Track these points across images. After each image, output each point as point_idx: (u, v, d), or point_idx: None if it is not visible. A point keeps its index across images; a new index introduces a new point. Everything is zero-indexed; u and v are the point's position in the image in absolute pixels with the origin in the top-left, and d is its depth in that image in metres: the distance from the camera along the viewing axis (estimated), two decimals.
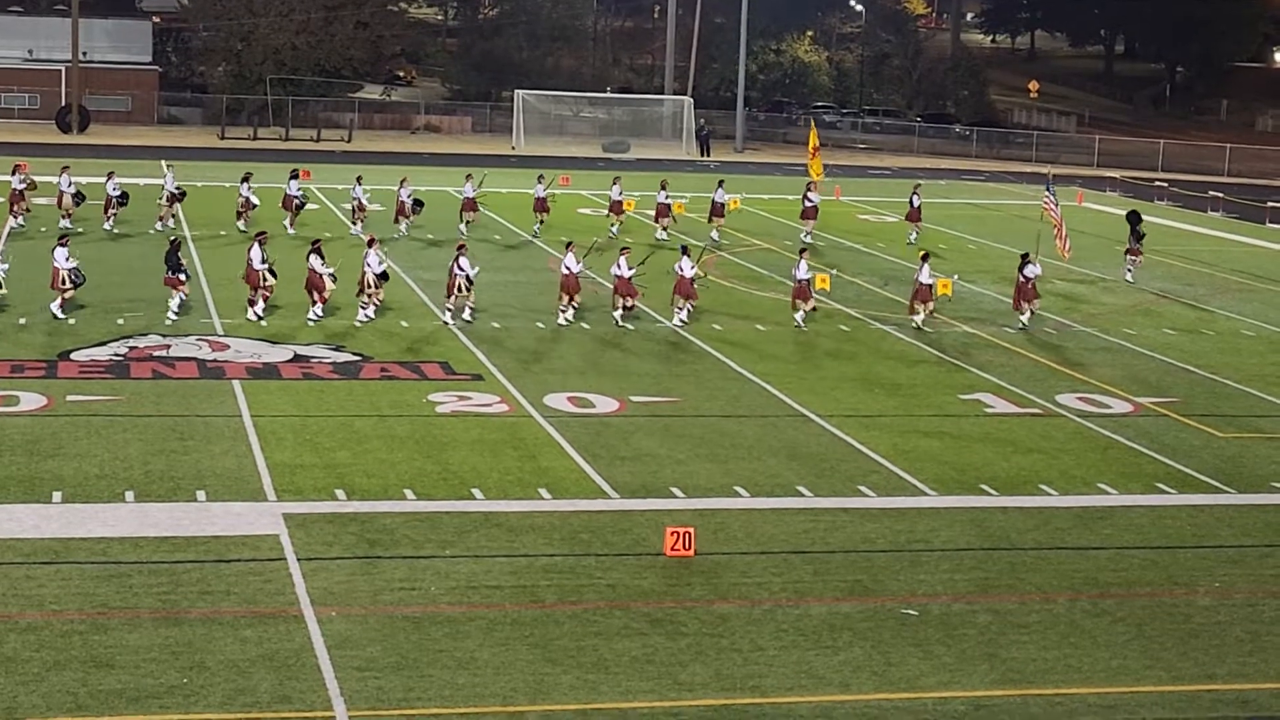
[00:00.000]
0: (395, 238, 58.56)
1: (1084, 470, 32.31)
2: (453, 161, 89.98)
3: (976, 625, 23.64)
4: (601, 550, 26.20)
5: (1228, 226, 77.62)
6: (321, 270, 43.35)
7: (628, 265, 44.49)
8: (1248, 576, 26.40)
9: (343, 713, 19.70)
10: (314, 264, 43.32)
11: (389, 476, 29.73)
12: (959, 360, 42.32)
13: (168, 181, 60.06)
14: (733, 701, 20.56)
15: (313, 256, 43.43)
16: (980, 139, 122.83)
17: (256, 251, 43.55)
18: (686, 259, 45.35)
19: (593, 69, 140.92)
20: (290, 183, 60.50)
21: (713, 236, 61.87)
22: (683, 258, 45.49)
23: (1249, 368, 43.20)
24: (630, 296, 44.77)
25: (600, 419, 34.68)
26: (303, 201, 60.32)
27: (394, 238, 58.35)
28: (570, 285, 44.62)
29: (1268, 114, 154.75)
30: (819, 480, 30.70)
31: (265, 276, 43.51)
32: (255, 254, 43.50)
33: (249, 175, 60.35)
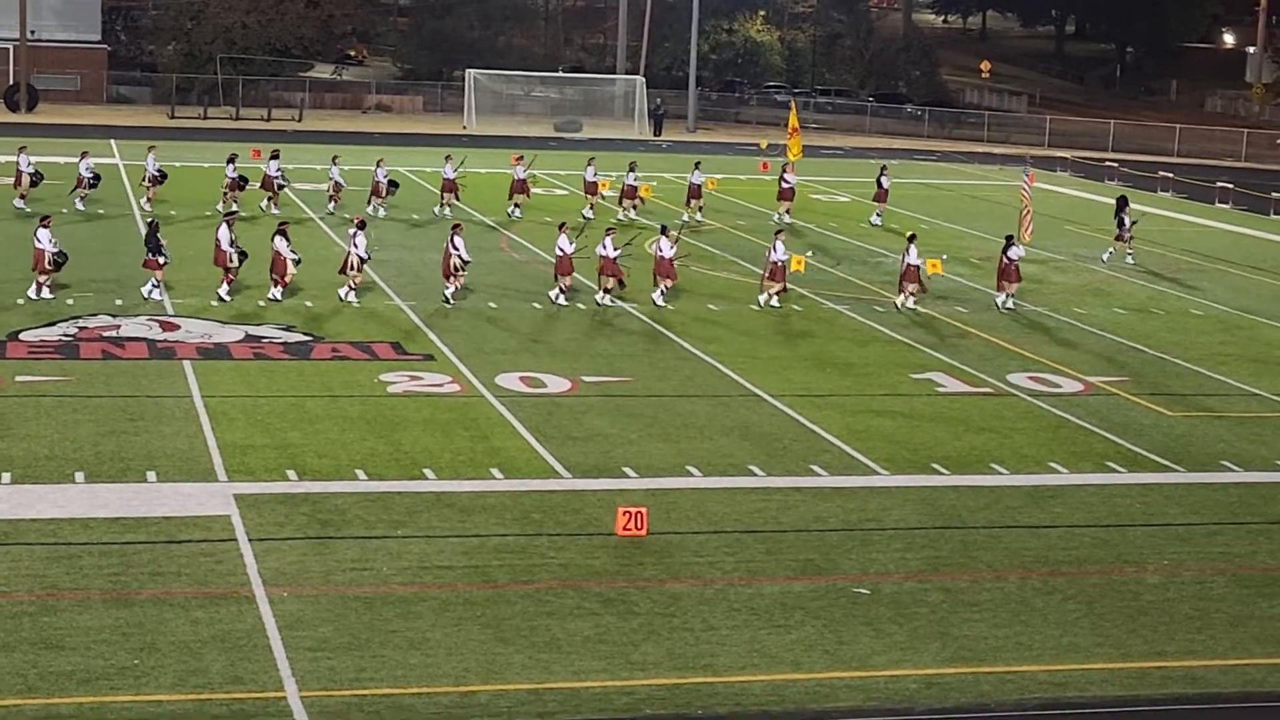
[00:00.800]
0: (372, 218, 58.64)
1: (1035, 449, 32.42)
2: (404, 141, 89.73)
3: (928, 604, 23.70)
4: (553, 530, 26.18)
5: (1177, 206, 77.94)
6: (286, 253, 43.24)
7: (613, 246, 44.59)
8: (1196, 554, 26.52)
9: (294, 693, 19.65)
10: (279, 246, 43.16)
11: (340, 457, 29.65)
12: (911, 340, 42.40)
13: (149, 163, 59.97)
14: (685, 681, 20.58)
15: (278, 238, 43.28)
16: (932, 119, 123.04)
17: (225, 232, 43.44)
18: (665, 239, 45.42)
19: (544, 48, 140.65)
20: (270, 163, 60.41)
21: (697, 217, 62.22)
22: (661, 238, 45.58)
23: (1198, 347, 43.40)
24: (615, 277, 44.86)
25: (552, 399, 34.65)
26: (284, 182, 60.39)
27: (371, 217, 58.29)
28: (564, 267, 44.72)
29: (1217, 94, 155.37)
30: (771, 460, 30.73)
31: (233, 258, 43.35)
32: (224, 235, 43.38)
33: (234, 156, 60.64)
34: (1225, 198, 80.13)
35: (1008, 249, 47.57)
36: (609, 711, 19.62)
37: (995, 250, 54.66)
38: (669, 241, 45.36)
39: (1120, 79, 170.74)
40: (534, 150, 77.05)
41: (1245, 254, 62.05)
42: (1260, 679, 21.55)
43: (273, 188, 59.92)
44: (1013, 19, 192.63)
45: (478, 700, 19.75)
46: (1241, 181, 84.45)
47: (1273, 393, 38.23)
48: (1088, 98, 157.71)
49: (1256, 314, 48.88)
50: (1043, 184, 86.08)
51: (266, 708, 19.26)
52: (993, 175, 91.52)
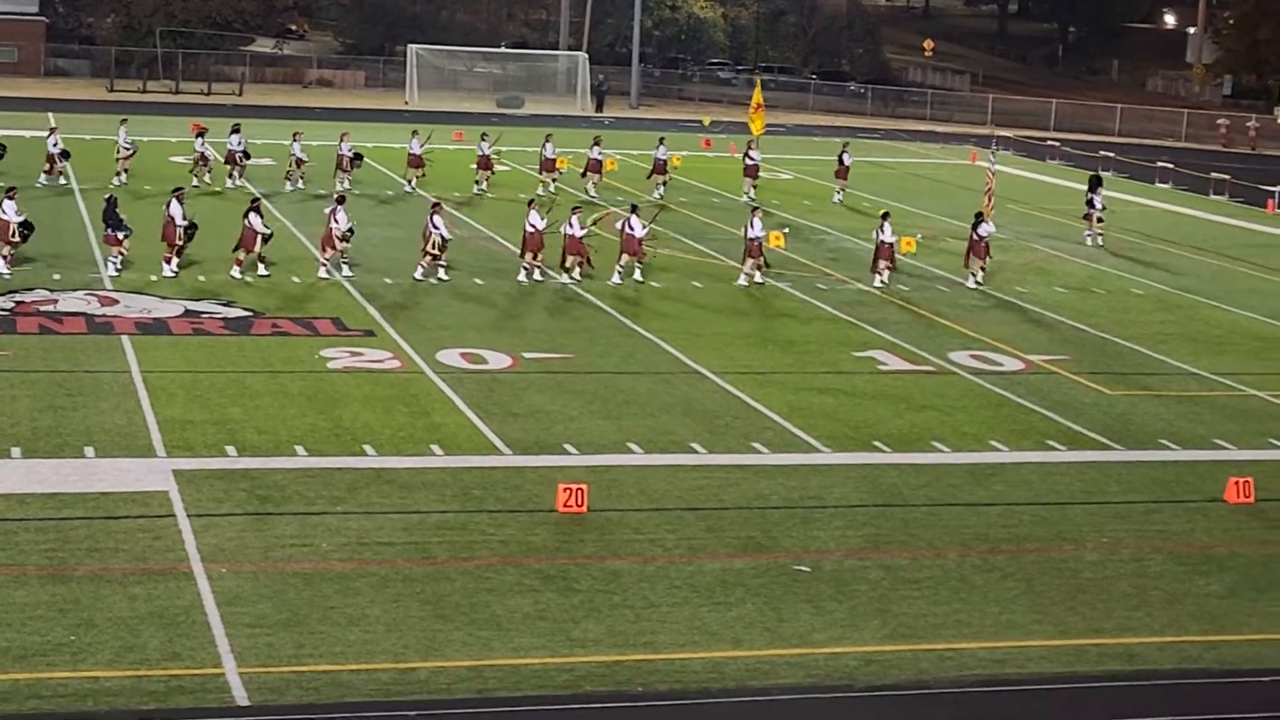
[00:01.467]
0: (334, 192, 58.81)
1: (976, 427, 32.50)
2: (345, 116, 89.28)
3: (868, 581, 23.74)
4: (494, 507, 26.12)
5: (1118, 186, 78.13)
6: (259, 228, 43.25)
7: (579, 224, 44.61)
8: (1134, 532, 26.64)
9: (232, 669, 19.56)
10: (252, 221, 43.16)
11: (280, 433, 29.52)
12: (853, 317, 42.46)
13: (121, 137, 59.78)
14: (625, 658, 20.56)
15: (251, 214, 43.28)
16: (875, 97, 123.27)
17: (176, 207, 43.24)
18: (636, 217, 45.40)
19: (487, 24, 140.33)
20: (232, 137, 60.30)
21: (659, 193, 62.43)
22: (632, 215, 45.52)
23: (1138, 326, 43.59)
24: (580, 255, 44.83)
25: (493, 375, 34.57)
26: (246, 154, 60.35)
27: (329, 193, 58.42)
28: (533, 243, 44.60)
29: (1158, 74, 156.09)
30: (713, 437, 30.72)
31: (182, 234, 43.15)
32: (175, 210, 43.18)
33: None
34: (1165, 178, 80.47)
35: (977, 226, 47.76)
36: (549, 688, 19.59)
37: (939, 228, 54.88)
38: (640, 220, 45.35)
39: (1062, 58, 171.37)
40: (472, 126, 76.85)
41: (1185, 234, 62.35)
42: (1196, 656, 21.66)
43: (236, 161, 59.95)
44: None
45: (417, 677, 19.69)
46: (1182, 162, 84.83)
47: (1211, 372, 38.43)
48: (1030, 77, 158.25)
49: (1196, 293, 49.13)
50: (985, 163, 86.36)
51: (204, 684, 19.16)
52: (935, 153, 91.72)
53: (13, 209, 42.32)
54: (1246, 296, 49.13)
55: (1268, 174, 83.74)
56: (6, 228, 42.20)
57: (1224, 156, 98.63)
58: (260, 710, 18.67)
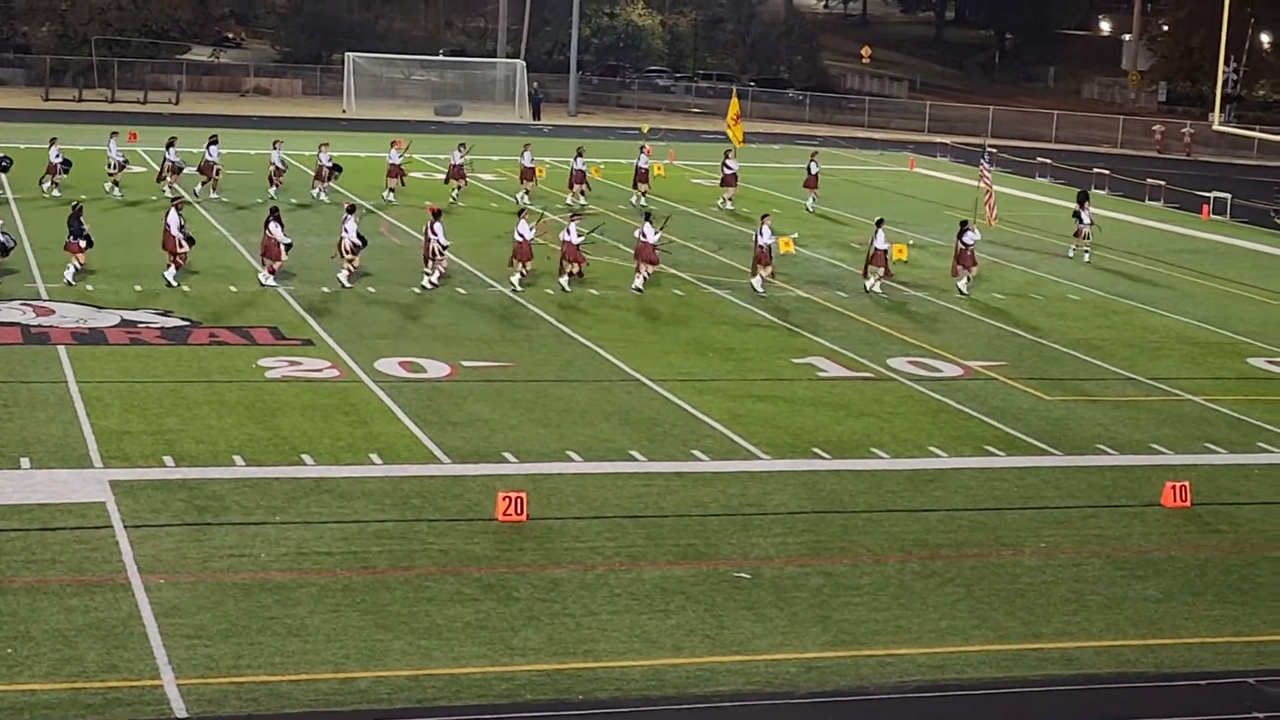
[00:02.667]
0: (311, 202, 60.13)
1: (915, 433, 32.59)
2: (282, 125, 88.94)
3: (808, 588, 23.77)
4: (433, 515, 26.06)
5: (1055, 192, 78.59)
6: (280, 237, 43.46)
7: (577, 232, 44.97)
8: (1072, 537, 26.75)
9: (171, 681, 19.45)
10: (273, 230, 43.42)
11: (218, 443, 29.38)
12: (792, 324, 42.54)
13: (111, 149, 60.01)
14: (565, 666, 20.53)
15: (272, 224, 43.50)
16: (813, 104, 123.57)
17: (174, 217, 43.40)
18: (649, 225, 45.84)
19: (425, 31, 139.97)
20: (210, 148, 60.57)
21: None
22: (645, 223, 45.97)
23: (1075, 331, 43.78)
24: (578, 263, 45.22)
25: (432, 384, 34.50)
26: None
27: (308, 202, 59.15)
28: (523, 252, 44.83)
29: (1094, 81, 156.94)
30: (652, 445, 30.72)
31: (181, 243, 43.24)
32: (173, 220, 43.33)
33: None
34: (1102, 184, 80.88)
35: (963, 234, 48.27)
36: (489, 697, 19.55)
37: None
38: (652, 228, 45.81)
39: (999, 65, 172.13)
40: (410, 134, 76.73)
41: (1121, 239, 62.59)
42: (1134, 660, 21.77)
43: (211, 173, 60.36)
44: (893, 5, 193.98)
45: (357, 687, 19.62)
46: (1118, 168, 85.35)
47: (1147, 376, 38.63)
48: (967, 83, 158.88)
49: (1132, 299, 49.38)
50: (923, 169, 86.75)
51: (142, 696, 19.05)
52: (873, 160, 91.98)
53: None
54: (1182, 301, 49.43)
55: (1203, 180, 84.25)
56: None
57: (1159, 162, 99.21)
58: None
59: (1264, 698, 20.67)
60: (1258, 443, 33.29)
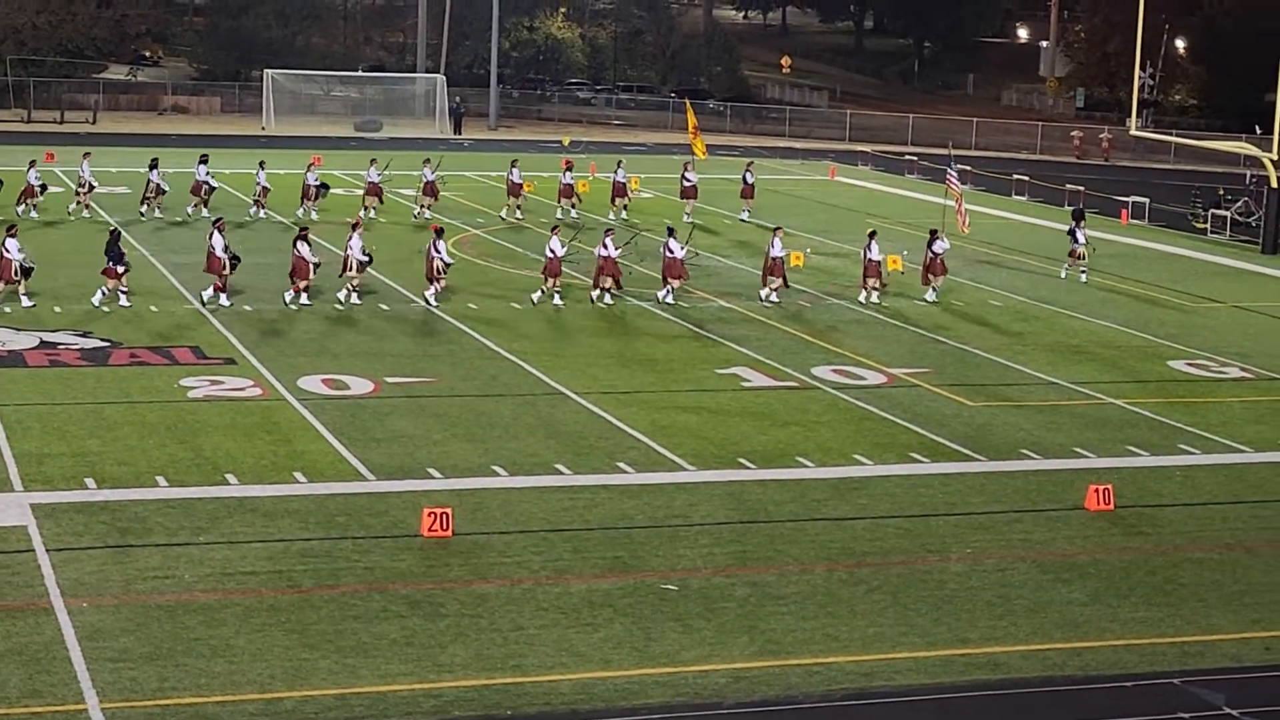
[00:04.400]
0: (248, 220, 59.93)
1: (839, 442, 32.66)
2: (202, 143, 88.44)
3: (735, 598, 23.79)
4: (358, 533, 25.96)
5: (975, 199, 78.75)
6: (309, 257, 43.68)
7: (614, 245, 45.58)
8: (998, 542, 26.87)
9: (95, 705, 19.30)
10: (301, 250, 43.63)
11: (140, 464, 29.19)
12: (715, 335, 42.58)
13: (84, 170, 59.80)
14: (493, 681, 20.48)
15: (300, 243, 43.72)
16: (734, 114, 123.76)
17: (218, 239, 43.54)
18: (674, 240, 46.50)
19: (344, 47, 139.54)
20: (199, 168, 60.76)
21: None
22: (669, 238, 46.63)
23: (997, 337, 44.00)
24: (614, 277, 45.79)
25: (355, 401, 34.37)
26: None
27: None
28: (553, 269, 45.47)
29: (1012, 88, 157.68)
30: (577, 458, 30.69)
31: (226, 264, 43.47)
32: (217, 241, 43.50)
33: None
34: (1022, 189, 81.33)
35: (932, 243, 48.86)
36: (417, 714, 19.48)
37: (800, 243, 55.25)
38: (678, 242, 46.49)
39: (918, 73, 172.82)
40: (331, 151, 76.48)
41: (1041, 245, 62.96)
42: (1060, 663, 21.87)
43: (201, 193, 60.51)
44: (812, 14, 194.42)
45: (284, 707, 19.52)
46: (1037, 173, 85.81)
47: (1070, 381, 38.85)
48: (887, 92, 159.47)
49: (1053, 304, 49.65)
50: (844, 178, 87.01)
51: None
52: (794, 169, 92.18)
53: (15, 246, 42.48)
54: (1102, 306, 49.73)
55: (1121, 184, 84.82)
56: (9, 266, 42.33)
57: (1078, 168, 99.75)
58: None
59: (1189, 699, 20.81)
60: (1179, 445, 33.52)
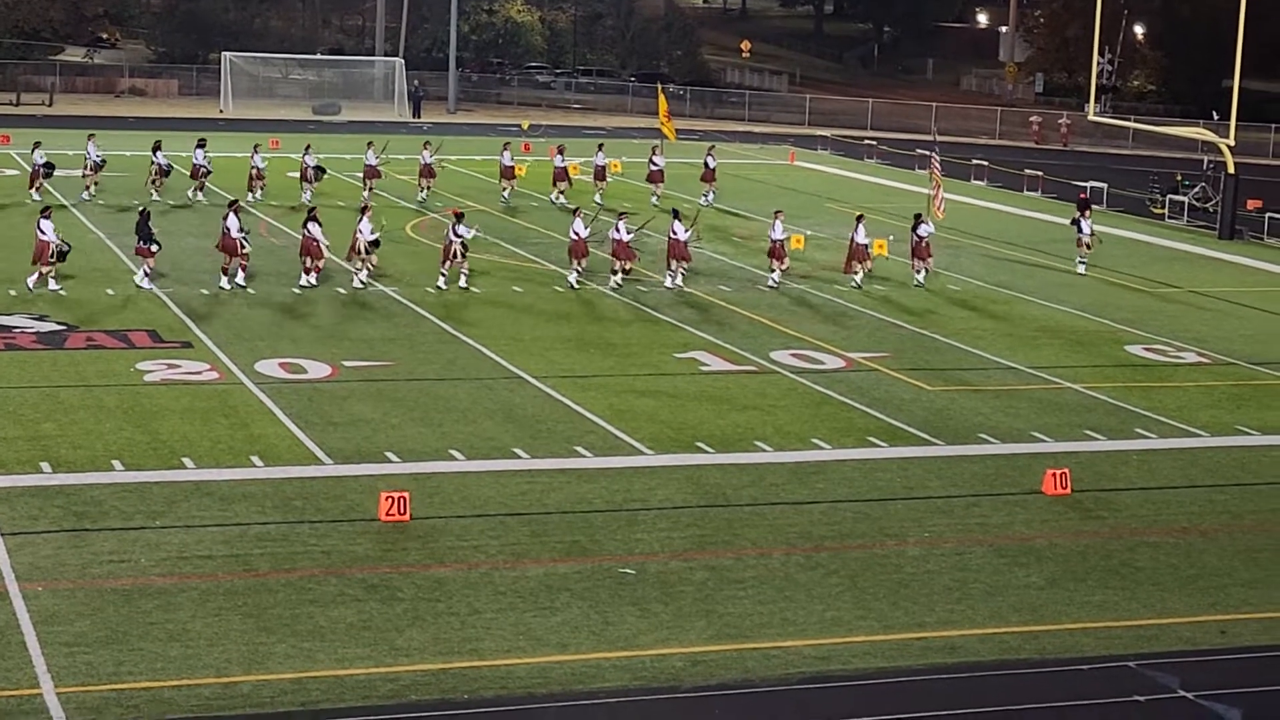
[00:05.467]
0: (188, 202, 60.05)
1: (798, 426, 32.68)
2: (159, 125, 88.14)
3: (693, 582, 23.79)
4: (315, 517, 25.89)
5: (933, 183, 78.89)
6: (320, 237, 44.02)
7: (626, 229, 45.82)
8: (955, 526, 26.92)
9: (50, 690, 19.21)
10: (313, 231, 43.95)
11: (96, 447, 29.06)
12: (674, 319, 42.57)
13: (91, 152, 59.85)
14: (450, 665, 20.45)
15: (311, 224, 44.02)
16: (694, 98, 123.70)
17: (233, 220, 43.70)
18: (679, 223, 46.51)
19: (302, 30, 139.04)
20: (196, 151, 61.08)
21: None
22: (674, 221, 46.63)
23: (955, 322, 44.07)
24: (629, 260, 46.08)
25: (313, 385, 34.28)
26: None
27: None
28: (580, 250, 46.02)
29: (972, 73, 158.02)
30: (535, 442, 30.66)
31: (242, 244, 43.78)
32: (232, 222, 43.69)
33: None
34: (981, 174, 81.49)
35: (917, 227, 49.30)
36: (374, 699, 19.44)
37: (757, 229, 55.31)
38: (683, 225, 46.51)
39: (878, 58, 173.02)
40: (288, 134, 76.22)
41: (1000, 230, 63.17)
42: (1016, 646, 21.93)
43: (199, 176, 60.81)
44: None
45: (240, 691, 19.46)
46: (996, 159, 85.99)
47: (1027, 366, 38.94)
48: (846, 76, 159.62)
49: (1011, 289, 49.76)
50: (804, 162, 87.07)
51: (21, 705, 18.81)
52: (754, 154, 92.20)
53: (50, 228, 42.45)
54: (1061, 291, 49.85)
55: (1080, 170, 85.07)
56: (45, 249, 42.30)
57: (1037, 153, 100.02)
58: None
59: (1144, 681, 20.87)
60: (1136, 429, 33.63)
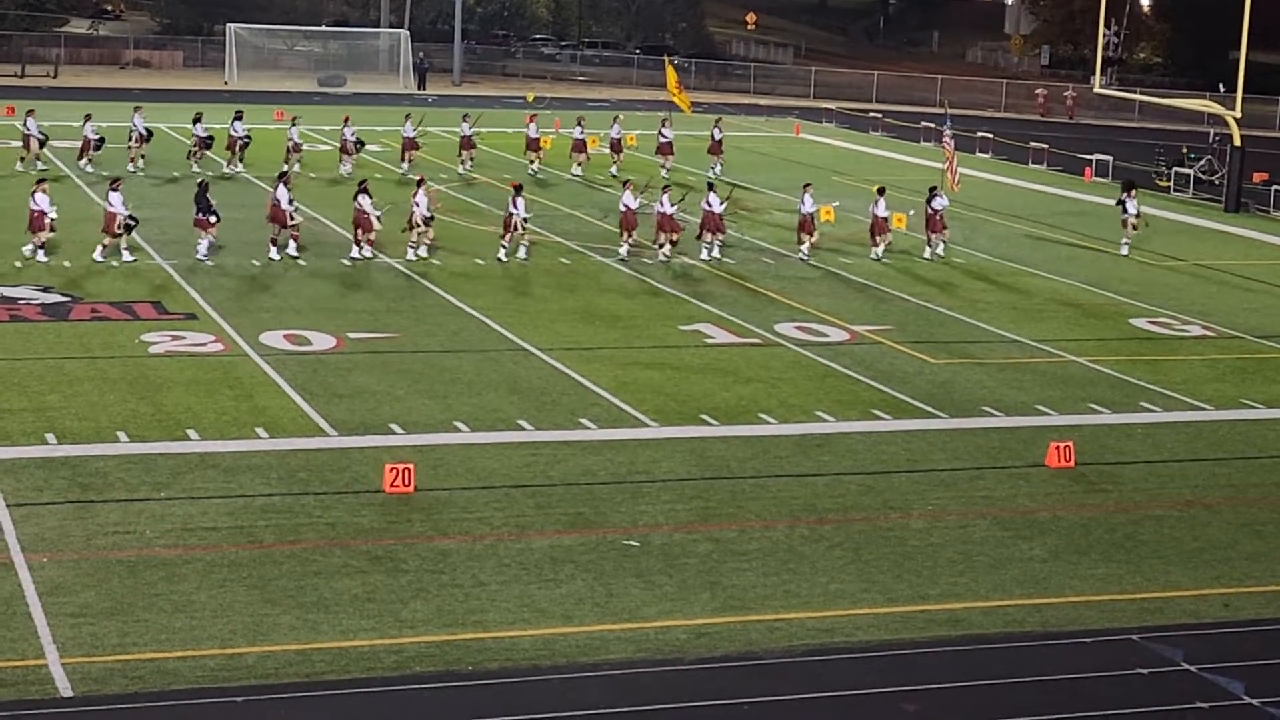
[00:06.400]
0: (342, 176, 59.88)
1: (802, 399, 32.69)
2: (164, 97, 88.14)
3: (697, 554, 23.81)
4: (320, 489, 25.91)
5: (940, 156, 78.81)
6: (370, 209, 44.33)
7: (670, 202, 46.15)
8: (959, 499, 26.94)
9: (55, 660, 19.25)
10: (363, 203, 44.30)
11: (101, 419, 29.08)
12: (679, 291, 42.57)
13: (136, 123, 60.11)
14: (455, 637, 20.48)
15: (361, 196, 44.40)
16: (699, 71, 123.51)
17: (283, 191, 44.25)
18: (714, 194, 47.13)
19: (307, 2, 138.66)
20: (234, 124, 61.49)
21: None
22: (709, 193, 47.23)
23: (960, 295, 44.05)
24: (674, 232, 46.41)
25: (317, 356, 34.29)
26: (247, 139, 61.45)
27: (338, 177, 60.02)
28: (630, 222, 46.49)
29: (977, 46, 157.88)
30: (540, 414, 30.67)
31: (292, 215, 44.28)
32: (282, 194, 44.18)
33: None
34: (986, 147, 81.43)
35: (931, 200, 49.28)
36: (378, 670, 19.48)
37: (764, 201, 55.28)
38: (717, 197, 47.04)
39: (883, 30, 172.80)
40: (295, 105, 76.20)
41: (1005, 203, 63.12)
42: (1020, 619, 21.95)
43: (235, 148, 61.07)
44: None
45: (244, 662, 19.49)
46: (1001, 131, 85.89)
47: (1032, 339, 38.92)
48: (851, 49, 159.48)
49: (1016, 262, 49.73)
50: (809, 135, 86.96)
51: (26, 676, 18.85)
52: (760, 126, 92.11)
53: (119, 200, 42.75)
54: (1065, 264, 49.82)
55: (1085, 143, 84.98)
56: (113, 219, 42.63)
57: (1042, 126, 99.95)
58: (84, 701, 18.39)
59: (1147, 654, 20.89)
60: (1140, 402, 33.62)
